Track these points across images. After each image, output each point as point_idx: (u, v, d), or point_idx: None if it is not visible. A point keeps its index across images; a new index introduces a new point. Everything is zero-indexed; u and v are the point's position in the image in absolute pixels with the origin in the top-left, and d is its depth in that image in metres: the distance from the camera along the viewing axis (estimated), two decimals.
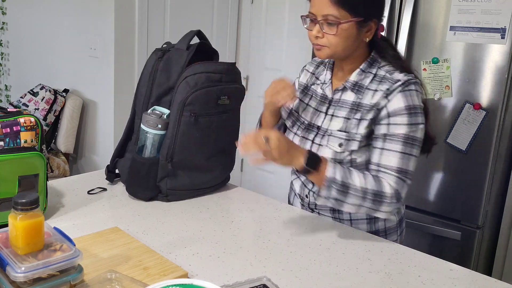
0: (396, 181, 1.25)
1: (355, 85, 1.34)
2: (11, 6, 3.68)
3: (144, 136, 1.43)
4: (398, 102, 1.27)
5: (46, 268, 0.85)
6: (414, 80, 1.29)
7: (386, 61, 1.34)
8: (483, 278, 1.13)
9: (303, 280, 1.07)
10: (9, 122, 1.21)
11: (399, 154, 1.25)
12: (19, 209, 0.87)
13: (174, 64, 1.44)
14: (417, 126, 1.26)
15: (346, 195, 1.22)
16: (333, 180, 1.21)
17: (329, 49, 1.28)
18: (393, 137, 1.26)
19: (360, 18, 1.25)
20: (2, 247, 0.88)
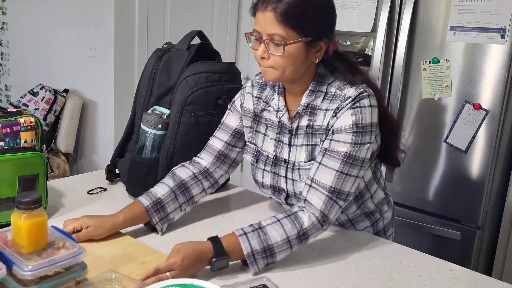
0: (324, 200, 1.15)
1: (307, 107, 1.22)
2: (11, 6, 3.67)
3: (144, 136, 1.43)
4: (345, 119, 1.17)
5: (52, 266, 0.86)
6: (366, 93, 1.18)
7: (335, 76, 1.22)
8: (483, 278, 1.13)
9: (303, 280, 1.07)
10: (9, 122, 1.21)
11: (335, 172, 1.16)
12: (23, 208, 0.88)
13: (174, 64, 1.44)
14: (362, 145, 1.16)
15: (273, 257, 1.11)
16: (254, 254, 1.09)
17: (277, 71, 1.16)
18: (332, 153, 1.17)
19: (309, 38, 1.13)
20: (5, 247, 0.89)
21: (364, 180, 1.31)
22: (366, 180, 1.32)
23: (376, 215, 1.40)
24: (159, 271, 1.02)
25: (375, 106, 1.19)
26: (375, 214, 1.39)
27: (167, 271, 1.02)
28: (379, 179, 1.38)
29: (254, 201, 1.53)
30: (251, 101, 1.34)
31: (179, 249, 1.06)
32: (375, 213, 1.39)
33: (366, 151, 1.18)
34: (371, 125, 1.18)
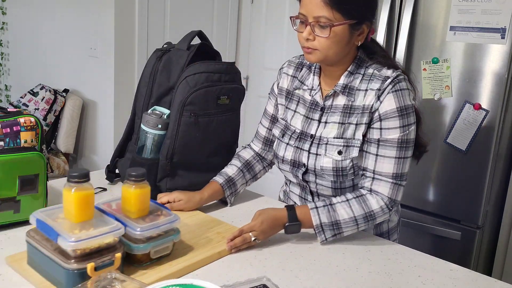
0: (391, 187, 1.24)
1: (345, 88, 1.28)
2: (11, 6, 3.68)
3: (144, 136, 1.43)
4: (389, 103, 1.23)
5: (156, 229, 1.03)
6: (403, 76, 1.25)
7: (373, 60, 1.29)
8: (483, 278, 1.13)
9: (303, 280, 1.07)
10: (9, 122, 1.21)
11: (394, 159, 1.24)
12: (133, 180, 1.05)
13: (174, 64, 1.44)
14: (409, 127, 1.24)
15: (340, 230, 1.23)
16: (322, 225, 1.22)
17: (320, 52, 1.22)
18: (386, 142, 1.24)
19: (354, 21, 1.19)
20: (116, 213, 1.04)
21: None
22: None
23: None
24: (243, 232, 1.18)
25: (411, 89, 1.27)
26: None
27: (249, 232, 1.18)
28: None
29: (254, 201, 1.53)
30: (286, 80, 1.43)
31: (260, 213, 1.22)
32: None
33: (413, 132, 1.26)
34: (412, 106, 1.26)
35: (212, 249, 1.15)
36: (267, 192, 1.89)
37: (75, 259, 0.92)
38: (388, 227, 1.42)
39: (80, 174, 0.97)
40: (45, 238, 0.98)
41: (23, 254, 1.04)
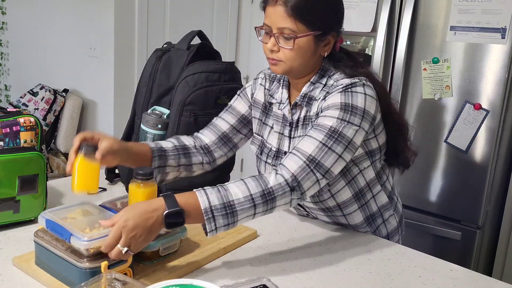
0: (301, 165, 1.09)
1: (304, 98, 1.24)
2: (11, 6, 3.67)
3: (144, 136, 1.43)
4: (334, 99, 1.16)
5: None
6: (361, 82, 1.18)
7: (337, 69, 1.24)
8: (483, 278, 1.13)
9: (303, 280, 1.07)
10: (9, 122, 1.21)
11: (317, 143, 1.12)
12: (140, 179, 1.07)
13: (174, 64, 1.44)
14: (350, 124, 1.14)
15: (234, 215, 1.03)
16: (212, 209, 1.01)
17: (285, 64, 1.18)
18: (318, 126, 1.14)
19: (318, 32, 1.15)
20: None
21: (365, 179, 1.31)
22: (368, 179, 1.31)
23: (378, 220, 1.37)
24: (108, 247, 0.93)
25: (370, 95, 1.18)
26: (377, 219, 1.37)
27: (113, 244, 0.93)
28: (384, 182, 1.37)
29: None
30: (262, 93, 1.36)
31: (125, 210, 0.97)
32: (376, 218, 1.36)
33: (353, 132, 1.14)
34: (362, 109, 1.16)
35: (218, 245, 1.16)
36: None
37: (88, 258, 0.93)
38: (387, 231, 1.39)
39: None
40: (55, 238, 0.99)
41: (30, 255, 1.05)
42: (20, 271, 1.02)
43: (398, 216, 1.43)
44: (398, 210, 1.44)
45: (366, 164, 1.29)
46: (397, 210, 1.43)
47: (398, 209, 1.45)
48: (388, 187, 1.39)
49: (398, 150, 1.34)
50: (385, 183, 1.37)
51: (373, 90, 1.20)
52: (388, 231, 1.39)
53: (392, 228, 1.40)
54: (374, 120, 1.21)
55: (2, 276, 1.00)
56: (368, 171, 1.30)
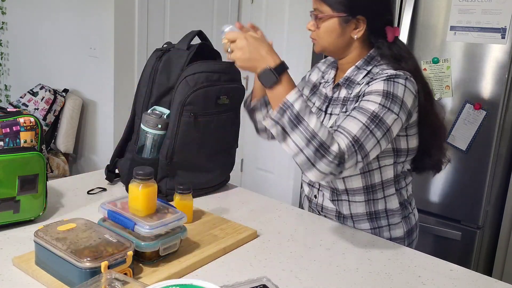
0: (348, 144, 1.12)
1: (347, 80, 1.32)
2: (11, 6, 3.67)
3: (144, 136, 1.43)
4: (377, 85, 1.21)
5: (164, 226, 1.05)
6: (404, 76, 1.22)
7: (385, 60, 1.29)
8: (483, 278, 1.13)
9: (303, 280, 1.07)
10: (9, 122, 1.21)
11: (361, 124, 1.15)
12: (139, 179, 1.07)
13: (174, 64, 1.43)
14: (390, 111, 1.18)
15: (294, 129, 1.09)
16: (290, 107, 1.09)
17: (317, 42, 1.31)
18: (361, 109, 1.18)
19: (342, 14, 1.24)
20: (124, 212, 1.07)
21: (382, 176, 1.32)
22: (384, 178, 1.32)
23: (382, 221, 1.37)
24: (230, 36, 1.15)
25: (409, 89, 1.22)
26: (381, 220, 1.36)
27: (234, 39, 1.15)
28: (401, 188, 1.36)
29: (254, 201, 1.52)
30: (316, 74, 1.48)
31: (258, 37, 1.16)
32: (381, 219, 1.36)
33: (392, 120, 1.18)
34: (401, 99, 1.20)
35: (218, 245, 1.16)
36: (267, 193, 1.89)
37: (88, 258, 0.94)
38: (390, 235, 1.37)
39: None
40: (55, 238, 0.98)
41: (31, 255, 1.05)
42: (20, 271, 1.02)
43: (406, 227, 1.40)
44: (408, 221, 1.41)
45: (388, 162, 1.31)
46: (408, 221, 1.41)
47: (410, 220, 1.42)
48: (403, 195, 1.38)
49: (431, 152, 1.35)
50: (401, 190, 1.37)
51: (414, 86, 1.24)
52: (392, 237, 1.37)
53: (396, 235, 1.38)
54: (410, 115, 1.25)
55: (2, 276, 1.00)
56: (387, 170, 1.32)
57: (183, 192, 1.26)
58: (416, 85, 1.25)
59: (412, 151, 1.33)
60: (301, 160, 1.11)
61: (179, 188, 1.26)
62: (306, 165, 1.11)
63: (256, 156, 3.65)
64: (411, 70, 1.27)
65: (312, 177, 1.13)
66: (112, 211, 1.08)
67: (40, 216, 1.25)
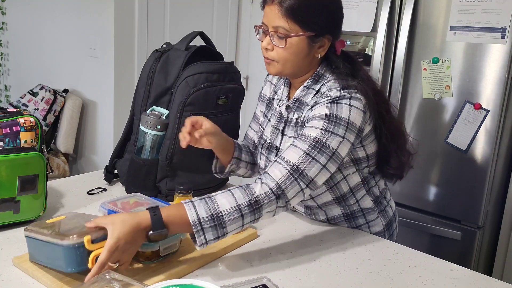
0: (285, 174, 1.10)
1: (296, 102, 1.27)
2: (11, 6, 3.67)
3: (143, 137, 1.43)
4: (319, 110, 1.17)
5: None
6: (349, 95, 1.17)
7: (334, 76, 1.24)
8: (483, 278, 1.13)
9: (303, 280, 1.07)
10: (9, 122, 1.21)
11: (301, 152, 1.13)
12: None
13: (172, 65, 1.43)
14: (334, 135, 1.14)
15: (223, 226, 1.03)
16: (200, 221, 1.01)
17: (278, 64, 1.21)
18: (303, 137, 1.15)
19: (312, 33, 1.17)
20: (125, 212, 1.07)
21: (349, 184, 1.30)
22: (352, 184, 1.31)
23: (360, 220, 1.37)
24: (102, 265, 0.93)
25: (356, 107, 1.17)
26: (359, 219, 1.37)
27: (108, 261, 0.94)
28: (371, 187, 1.36)
29: None
30: (269, 88, 1.44)
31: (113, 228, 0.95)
32: (358, 218, 1.36)
33: (337, 143, 1.15)
34: (346, 120, 1.16)
35: (218, 245, 1.16)
36: None
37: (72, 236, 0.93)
38: (370, 232, 1.37)
39: (185, 188, 1.23)
40: (42, 227, 0.99)
41: None
42: (20, 271, 1.03)
43: (385, 220, 1.40)
44: (386, 214, 1.41)
45: (351, 171, 1.30)
46: (385, 215, 1.41)
47: (387, 213, 1.42)
48: (375, 192, 1.38)
49: (390, 161, 1.32)
50: (372, 188, 1.37)
51: (361, 103, 1.19)
52: (371, 232, 1.38)
53: (377, 230, 1.39)
54: (361, 132, 1.21)
55: (2, 276, 1.01)
56: (353, 177, 1.31)
57: (183, 193, 1.26)
58: (364, 99, 1.20)
59: (372, 156, 1.31)
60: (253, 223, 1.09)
61: (179, 189, 1.26)
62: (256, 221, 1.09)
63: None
64: (363, 79, 1.24)
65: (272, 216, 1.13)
66: (112, 211, 1.08)
67: (40, 216, 1.25)
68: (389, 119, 1.29)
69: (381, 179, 1.41)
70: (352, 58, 1.29)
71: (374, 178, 1.37)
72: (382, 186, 1.42)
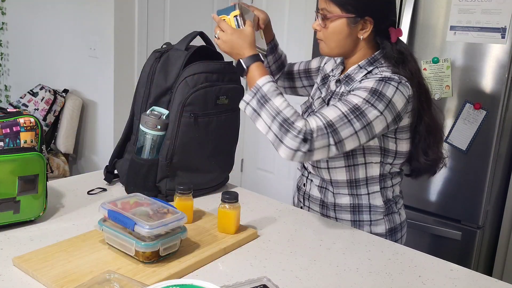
0: (319, 126, 1.18)
1: (347, 77, 1.35)
2: (11, 6, 3.67)
3: (143, 137, 1.43)
4: (367, 83, 1.25)
5: (164, 226, 1.05)
6: (399, 80, 1.25)
7: (387, 62, 1.31)
8: (483, 278, 1.13)
9: (303, 280, 1.07)
10: (9, 122, 1.21)
11: (340, 112, 1.20)
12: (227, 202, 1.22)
13: (172, 65, 1.43)
14: (373, 107, 1.20)
15: (262, 108, 1.21)
16: (259, 89, 1.22)
17: (324, 43, 1.33)
18: (345, 101, 1.23)
19: (351, 15, 1.26)
20: (124, 212, 1.08)
21: (367, 173, 1.34)
22: (369, 175, 1.35)
23: (364, 216, 1.39)
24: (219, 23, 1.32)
25: (402, 92, 1.24)
26: (363, 214, 1.39)
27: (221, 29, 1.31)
28: (386, 188, 1.38)
29: (254, 201, 1.52)
30: (331, 65, 1.50)
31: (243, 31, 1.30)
32: (363, 213, 1.39)
33: (374, 116, 1.21)
34: (389, 99, 1.22)
35: (218, 245, 1.16)
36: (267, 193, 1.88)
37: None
38: (370, 230, 1.38)
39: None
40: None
41: (31, 255, 1.05)
42: (20, 271, 1.03)
43: (389, 225, 1.41)
44: (392, 220, 1.42)
45: (374, 160, 1.33)
46: (391, 220, 1.42)
47: (394, 219, 1.43)
48: (388, 195, 1.40)
49: (428, 152, 1.36)
50: (386, 190, 1.39)
51: (407, 91, 1.26)
52: (372, 232, 1.39)
53: (377, 231, 1.40)
54: (399, 118, 1.26)
55: (2, 276, 1.01)
56: (373, 168, 1.34)
57: (183, 193, 1.26)
58: (412, 90, 1.26)
59: (400, 155, 1.35)
60: (271, 137, 1.21)
61: (179, 189, 1.26)
62: (275, 141, 1.21)
63: (256, 156, 3.64)
64: (411, 71, 1.29)
65: (282, 154, 1.20)
66: (112, 211, 1.08)
67: (40, 217, 1.25)
68: (429, 112, 1.34)
69: (398, 186, 1.44)
70: (406, 49, 1.35)
71: (392, 180, 1.40)
72: (397, 193, 1.44)
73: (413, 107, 1.29)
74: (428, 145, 1.36)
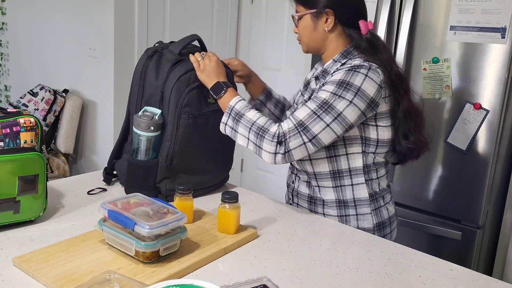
0: (291, 127, 1.27)
1: (323, 72, 1.40)
2: (11, 6, 3.67)
3: (137, 139, 1.42)
4: (335, 76, 1.31)
5: (164, 226, 1.05)
6: (367, 65, 1.29)
7: (360, 53, 1.36)
8: (483, 278, 1.13)
9: (303, 280, 1.07)
10: (9, 122, 1.21)
11: (309, 110, 1.28)
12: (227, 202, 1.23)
13: (162, 66, 1.43)
14: (341, 98, 1.27)
15: (237, 123, 1.32)
16: (232, 108, 1.34)
17: (301, 42, 1.43)
18: (314, 98, 1.30)
19: (313, 10, 1.36)
20: (124, 212, 1.08)
21: (349, 164, 1.37)
22: (352, 166, 1.37)
23: (350, 210, 1.40)
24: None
25: (371, 78, 1.28)
26: (349, 209, 1.40)
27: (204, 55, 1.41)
28: (371, 179, 1.39)
29: (254, 201, 1.52)
30: (312, 73, 1.53)
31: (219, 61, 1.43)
32: (349, 208, 1.40)
33: (344, 106, 1.27)
34: (357, 87, 1.27)
35: (218, 246, 1.17)
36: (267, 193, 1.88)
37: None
38: (357, 225, 1.40)
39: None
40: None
41: (30, 255, 1.05)
42: (20, 271, 1.03)
43: (377, 219, 1.42)
44: (380, 214, 1.43)
45: (356, 150, 1.35)
46: (378, 214, 1.42)
47: (381, 214, 1.43)
48: (374, 187, 1.41)
49: (408, 135, 1.38)
50: (371, 181, 1.40)
51: (378, 77, 1.29)
52: (359, 226, 1.40)
53: (365, 226, 1.40)
54: (374, 104, 1.30)
55: (2, 276, 1.01)
56: (356, 158, 1.36)
57: (183, 193, 1.27)
58: (383, 75, 1.30)
59: (382, 143, 1.37)
60: (251, 147, 1.32)
61: (179, 189, 1.27)
62: (256, 149, 1.31)
63: (256, 156, 3.64)
64: (383, 60, 1.34)
65: (265, 159, 1.30)
66: (112, 211, 1.08)
67: (40, 217, 1.25)
68: (407, 98, 1.37)
69: (384, 179, 1.44)
70: (378, 40, 1.40)
71: (377, 173, 1.41)
72: (383, 186, 1.44)
73: (390, 93, 1.33)
74: (409, 129, 1.38)
